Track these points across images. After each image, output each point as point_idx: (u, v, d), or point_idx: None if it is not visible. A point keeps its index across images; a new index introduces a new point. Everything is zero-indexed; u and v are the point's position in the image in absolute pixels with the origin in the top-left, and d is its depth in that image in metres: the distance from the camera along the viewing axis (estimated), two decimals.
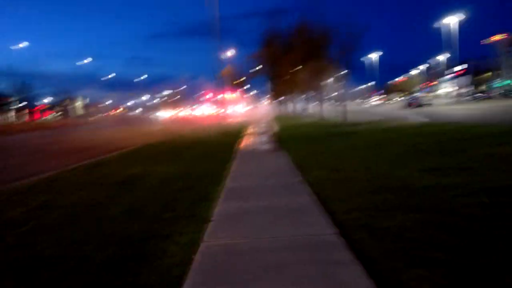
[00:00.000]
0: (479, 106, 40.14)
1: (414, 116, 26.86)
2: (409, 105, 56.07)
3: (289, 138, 15.48)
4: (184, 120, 62.18)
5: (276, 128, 21.85)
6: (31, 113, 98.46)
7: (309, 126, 22.72)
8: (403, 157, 8.45)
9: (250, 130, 23.08)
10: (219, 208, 5.32)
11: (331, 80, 29.31)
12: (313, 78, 28.29)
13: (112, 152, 14.66)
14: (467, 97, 65.46)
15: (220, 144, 14.89)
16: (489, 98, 67.31)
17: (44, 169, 10.41)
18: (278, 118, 35.38)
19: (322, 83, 28.27)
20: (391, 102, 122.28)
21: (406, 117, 25.85)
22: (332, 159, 9.14)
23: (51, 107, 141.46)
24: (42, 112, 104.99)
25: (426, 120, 21.66)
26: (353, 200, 5.15)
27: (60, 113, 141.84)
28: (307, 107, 38.91)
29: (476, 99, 69.85)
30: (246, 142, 15.37)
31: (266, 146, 13.31)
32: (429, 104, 51.58)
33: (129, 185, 7.57)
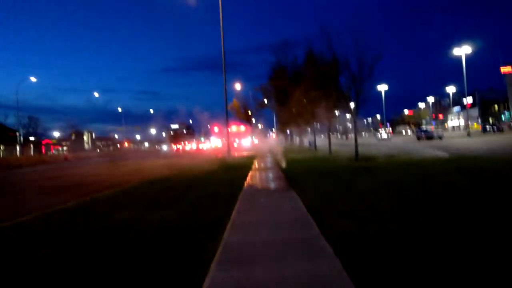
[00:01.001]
0: (491, 139, 38.75)
1: (429, 150, 25.44)
2: (418, 138, 54.76)
3: (299, 174, 14.15)
4: (191, 153, 61.27)
5: (283, 162, 20.53)
6: (36, 147, 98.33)
7: (319, 160, 21.40)
8: (437, 199, 7.06)
9: (257, 164, 21.78)
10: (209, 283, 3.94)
11: (339, 113, 28.26)
12: (321, 110, 27.25)
13: (107, 189, 13.43)
14: (470, 130, 63.82)
15: (224, 181, 13.59)
16: (500, 131, 65.80)
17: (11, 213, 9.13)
18: (285, 152, 34.12)
19: (330, 115, 27.19)
20: (399, 135, 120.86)
21: (421, 151, 24.43)
22: (352, 202, 7.76)
23: (58, 141, 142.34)
24: (48, 146, 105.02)
25: (443, 153, 20.24)
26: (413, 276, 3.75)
27: (66, 147, 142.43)
28: (314, 141, 37.66)
29: (487, 132, 68.47)
30: (252, 179, 14.05)
31: (274, 185, 11.97)
32: (440, 137, 50.13)
33: (113, 235, 6.24)
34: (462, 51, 54.46)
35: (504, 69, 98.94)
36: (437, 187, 8.82)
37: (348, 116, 27.74)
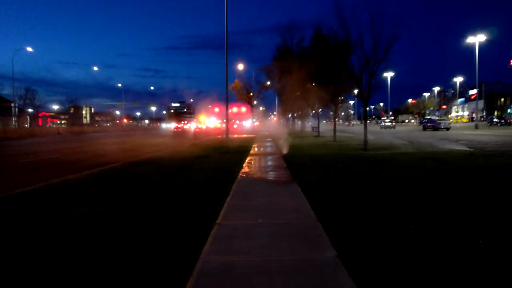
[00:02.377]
0: (502, 132, 37.00)
1: (443, 142, 23.67)
2: (424, 128, 52.93)
3: (303, 163, 12.46)
4: (189, 133, 59.53)
5: (285, 148, 18.82)
6: (33, 119, 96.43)
7: (324, 147, 19.69)
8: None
9: (256, 149, 20.08)
10: None
11: (346, 97, 26.41)
12: (328, 94, 25.40)
13: (80, 171, 11.75)
14: (484, 122, 61.94)
15: (217, 168, 11.91)
16: (508, 124, 63.88)
17: None
18: (287, 136, 32.36)
19: (337, 100, 25.37)
20: (402, 124, 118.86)
21: (434, 143, 22.67)
22: (374, 207, 6.07)
23: (56, 114, 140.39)
24: (45, 119, 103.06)
25: (461, 147, 18.50)
26: None
27: (64, 121, 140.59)
28: (318, 126, 35.93)
29: (493, 124, 66.65)
30: (249, 166, 12.37)
31: (274, 175, 10.29)
32: (447, 129, 48.27)
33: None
34: (476, 39, 52.01)
35: None
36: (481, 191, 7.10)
37: (351, 102, 25.85)
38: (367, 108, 19.20)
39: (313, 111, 36.83)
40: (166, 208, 6.40)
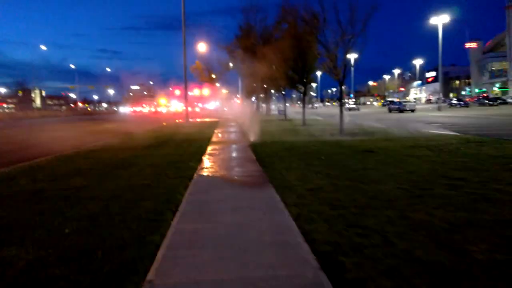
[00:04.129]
0: (466, 114, 36.82)
1: (416, 124, 22.36)
2: (390, 110, 52.57)
3: (275, 154, 10.27)
4: (147, 117, 55.90)
5: (252, 134, 16.59)
6: None
7: (295, 133, 17.62)
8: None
9: (220, 135, 17.70)
10: None
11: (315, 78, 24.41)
12: (296, 73, 23.27)
13: (6, 166, 9.04)
14: (443, 104, 62.45)
15: (172, 162, 9.49)
16: (466, 105, 65.10)
17: None
18: (253, 120, 30.12)
19: (306, 79, 23.29)
20: (364, 106, 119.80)
21: (407, 126, 21.27)
22: (407, 237, 3.95)
23: (2, 98, 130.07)
24: None
25: (441, 130, 17.05)
26: None
27: (12, 105, 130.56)
28: (284, 109, 33.90)
29: (453, 106, 67.79)
30: (210, 160, 10.02)
31: (241, 173, 8.03)
32: (412, 111, 47.98)
33: None
34: (440, 20, 51.58)
35: (469, 45, 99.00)
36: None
37: (314, 85, 23.91)
38: (329, 91, 17.32)
39: (279, 93, 34.71)
40: (64, 250, 3.97)
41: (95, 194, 6.15)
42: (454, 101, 72.38)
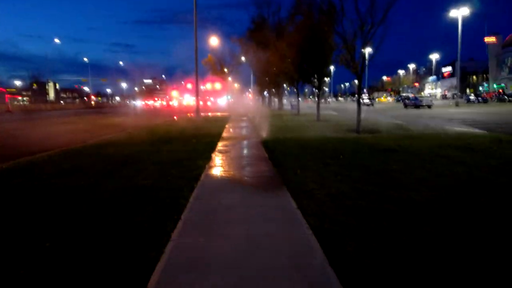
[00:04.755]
0: (486, 110, 35.47)
1: (436, 121, 21.37)
2: (406, 105, 51.22)
3: (289, 152, 9.56)
4: (159, 111, 55.62)
5: (264, 130, 15.88)
6: None
7: (309, 128, 16.83)
8: None
9: (230, 130, 17.04)
10: None
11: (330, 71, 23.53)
12: (311, 66, 22.42)
13: (15, 159, 8.56)
14: (460, 100, 60.74)
15: (179, 160, 8.87)
16: (485, 101, 63.18)
17: None
18: (265, 115, 29.41)
19: (321, 72, 22.42)
20: (378, 101, 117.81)
21: (426, 122, 20.30)
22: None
23: (17, 91, 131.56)
24: (2, 95, 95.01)
25: (465, 128, 16.08)
26: None
27: (27, 97, 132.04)
28: (297, 103, 33.04)
29: (470, 102, 65.92)
30: (219, 157, 9.37)
31: (253, 173, 7.35)
32: (429, 106, 46.59)
33: None
34: (459, 12, 49.85)
35: (488, 39, 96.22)
36: None
37: (326, 79, 23.02)
38: (342, 86, 16.46)
39: (292, 87, 33.86)
40: (43, 270, 3.35)
41: (91, 196, 5.54)
42: (472, 97, 70.35)
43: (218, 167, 7.95)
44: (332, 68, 34.60)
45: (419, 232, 3.81)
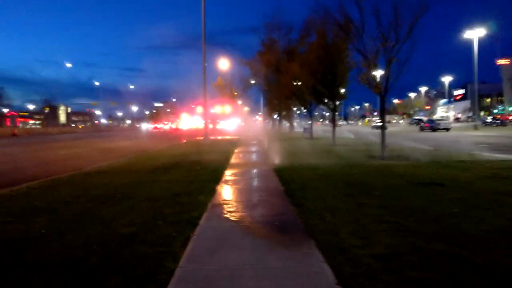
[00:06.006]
0: (508, 133, 33.53)
1: (461, 145, 19.64)
2: (422, 129, 49.41)
3: (310, 185, 7.95)
4: (166, 134, 54.62)
5: (277, 156, 14.34)
6: (1, 119, 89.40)
7: (327, 154, 15.20)
8: None
9: (240, 156, 15.53)
10: None
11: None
12: (326, 88, 21.00)
13: None
14: (477, 123, 58.53)
15: (176, 195, 7.36)
16: (503, 124, 60.97)
17: None
18: (276, 139, 27.91)
19: (337, 93, 20.96)
20: (389, 124, 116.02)
21: (454, 147, 18.59)
22: None
23: (30, 114, 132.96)
24: (13, 119, 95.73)
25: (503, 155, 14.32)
26: None
27: (39, 121, 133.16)
28: (309, 127, 31.54)
29: (488, 124, 63.84)
30: (225, 191, 7.82)
31: (266, 214, 5.76)
32: (447, 129, 44.70)
33: None
34: (475, 33, 48.48)
35: (501, 62, 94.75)
36: None
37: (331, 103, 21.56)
38: (352, 109, 14.92)
39: (305, 109, 32.44)
40: None
41: (45, 255, 4.01)
42: (489, 120, 68.22)
43: (222, 205, 6.39)
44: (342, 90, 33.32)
45: None
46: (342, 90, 21.12)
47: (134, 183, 8.69)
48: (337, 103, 23.17)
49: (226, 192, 7.60)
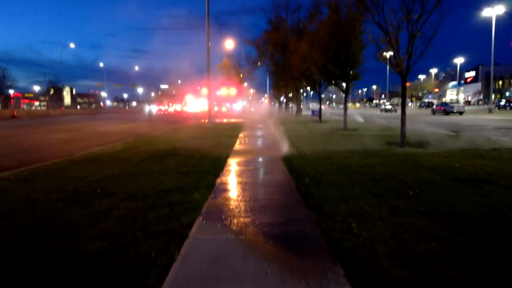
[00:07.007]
0: None
1: (484, 131, 18.25)
2: (434, 112, 47.82)
3: (324, 178, 6.71)
4: (171, 116, 53.48)
5: (285, 142, 13.10)
6: (5, 101, 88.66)
7: (341, 141, 13.88)
8: None
9: (245, 142, 14.33)
10: None
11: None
12: (337, 67, 19.55)
13: None
14: (491, 106, 56.61)
15: (168, 191, 6.20)
16: None
17: None
18: (284, 122, 26.60)
19: (350, 73, 19.49)
20: (398, 107, 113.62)
21: (478, 133, 17.22)
22: None
23: (35, 96, 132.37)
24: (18, 100, 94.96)
25: None
26: None
27: (44, 102, 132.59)
28: (318, 109, 30.11)
29: (502, 108, 61.92)
30: (226, 188, 6.63)
31: (275, 219, 4.56)
32: (461, 113, 43.07)
33: None
34: (494, 11, 46.08)
35: None
36: None
37: (344, 84, 20.09)
38: (360, 91, 13.52)
39: (314, 91, 30.96)
40: None
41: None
42: (503, 103, 66.13)
43: (221, 207, 5.21)
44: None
45: None
46: (358, 69, 19.64)
47: (121, 175, 7.52)
48: (353, 83, 21.72)
49: (227, 188, 6.42)
